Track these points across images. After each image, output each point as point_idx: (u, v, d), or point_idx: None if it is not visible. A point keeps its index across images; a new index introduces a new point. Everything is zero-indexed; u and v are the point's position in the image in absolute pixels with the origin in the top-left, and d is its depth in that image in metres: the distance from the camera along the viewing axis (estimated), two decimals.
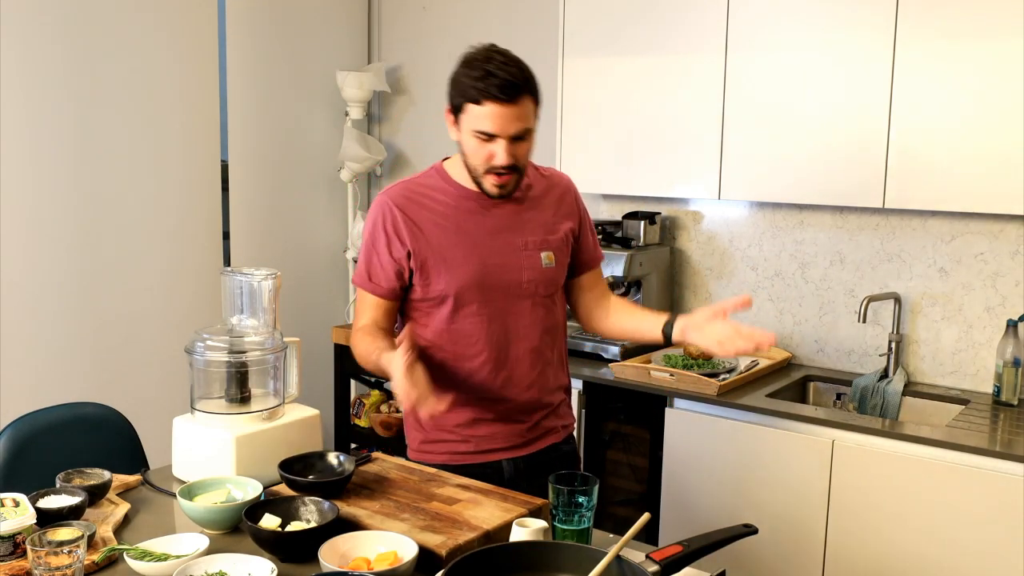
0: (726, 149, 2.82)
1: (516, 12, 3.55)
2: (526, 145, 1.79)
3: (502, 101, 1.70)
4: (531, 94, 1.75)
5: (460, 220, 1.86)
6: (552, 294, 1.94)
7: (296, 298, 3.64)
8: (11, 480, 1.91)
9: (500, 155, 1.75)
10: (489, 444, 1.93)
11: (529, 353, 1.91)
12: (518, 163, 1.78)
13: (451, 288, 1.85)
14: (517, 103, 1.72)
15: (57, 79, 2.87)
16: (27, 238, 2.85)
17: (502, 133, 1.73)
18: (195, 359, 1.85)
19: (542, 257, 1.89)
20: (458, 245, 1.85)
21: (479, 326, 1.87)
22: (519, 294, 1.88)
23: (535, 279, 1.89)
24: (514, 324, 1.89)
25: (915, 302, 2.84)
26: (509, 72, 1.71)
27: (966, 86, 2.42)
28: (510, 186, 1.82)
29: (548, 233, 1.91)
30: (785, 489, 2.54)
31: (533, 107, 1.77)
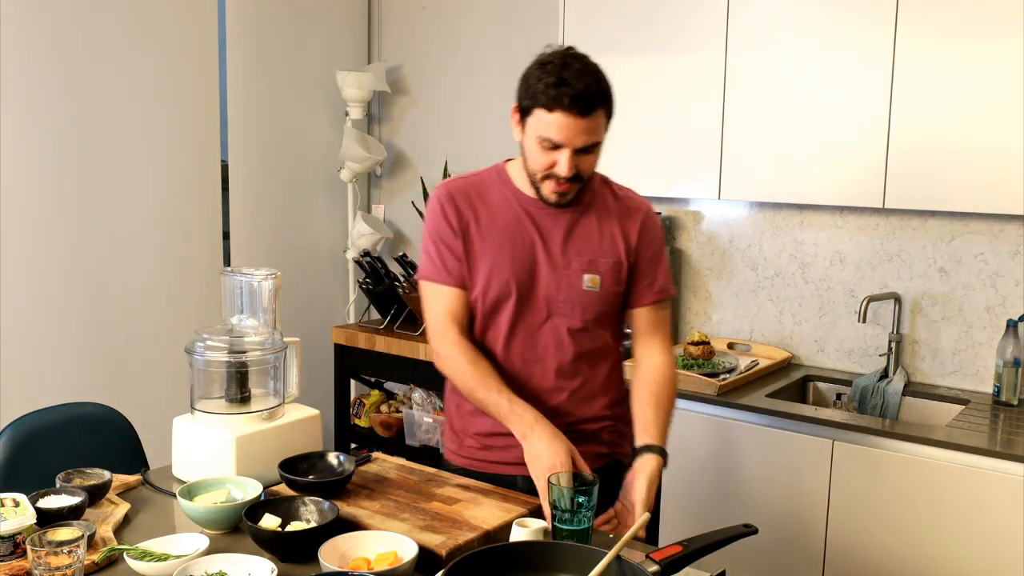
0: (726, 149, 2.82)
1: (516, 12, 3.55)
2: (592, 158, 1.72)
3: (574, 114, 1.63)
4: (605, 107, 1.69)
5: (510, 225, 1.80)
6: (596, 319, 1.82)
7: (296, 298, 3.63)
8: (11, 480, 1.91)
9: (563, 165, 1.68)
10: (507, 457, 1.84)
11: (554, 375, 1.82)
12: (581, 175, 1.71)
13: (485, 293, 1.81)
14: (589, 117, 1.65)
15: (57, 79, 2.87)
16: (27, 238, 2.85)
17: (568, 144, 1.66)
18: (195, 359, 1.85)
19: (584, 279, 1.79)
20: (501, 250, 1.79)
21: (505, 338, 1.82)
22: (553, 312, 1.80)
23: (572, 300, 1.79)
24: (543, 342, 1.81)
25: (915, 302, 2.84)
26: (585, 83, 1.64)
27: (966, 86, 2.42)
28: (571, 195, 1.75)
29: (598, 254, 1.80)
30: (785, 489, 2.54)
31: (605, 120, 1.70)
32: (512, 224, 1.80)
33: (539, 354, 1.82)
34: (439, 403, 3.45)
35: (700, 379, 2.68)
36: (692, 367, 2.82)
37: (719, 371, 2.81)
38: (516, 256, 1.79)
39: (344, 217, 3.97)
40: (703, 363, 2.87)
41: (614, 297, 1.84)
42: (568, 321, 1.81)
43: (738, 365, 2.88)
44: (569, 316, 1.81)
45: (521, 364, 1.83)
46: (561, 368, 1.83)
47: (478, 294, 1.81)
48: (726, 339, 3.14)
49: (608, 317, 1.86)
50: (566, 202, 1.76)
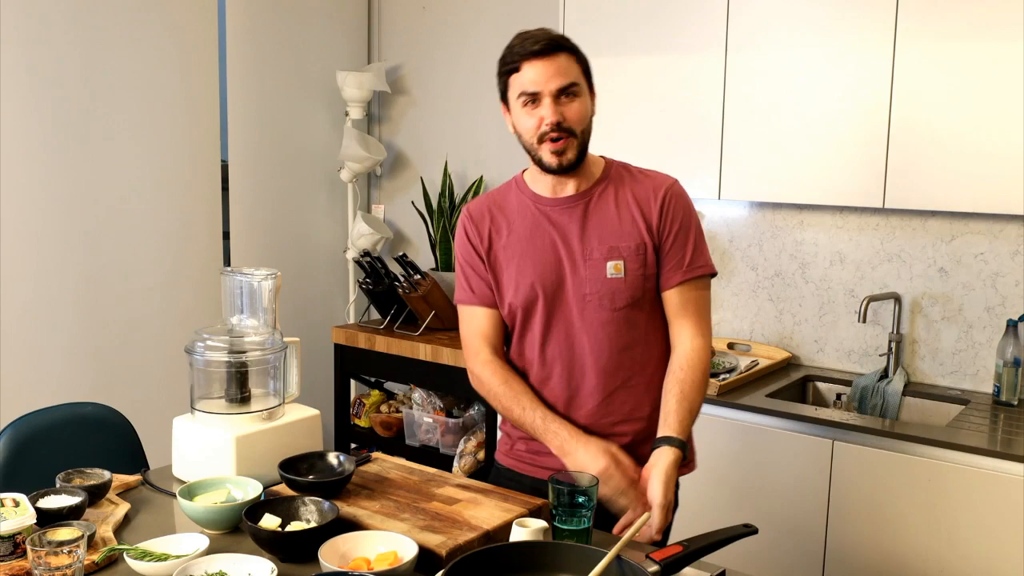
0: (726, 149, 2.82)
1: (516, 12, 3.55)
2: (575, 105, 1.70)
3: (538, 55, 1.67)
4: (569, 51, 1.70)
5: (529, 229, 1.80)
6: (629, 306, 1.76)
7: (296, 298, 3.64)
8: (11, 480, 1.91)
9: (547, 115, 1.68)
10: (552, 463, 1.79)
11: (596, 373, 1.78)
12: (569, 124, 1.69)
13: (516, 300, 1.80)
14: (553, 56, 1.67)
15: (57, 79, 2.87)
16: (27, 238, 2.85)
17: (544, 89, 1.67)
18: (195, 359, 1.85)
19: (608, 267, 1.75)
20: (524, 256, 1.79)
21: (541, 341, 1.80)
22: (585, 307, 1.76)
23: (599, 291, 1.75)
24: (579, 339, 1.78)
25: (915, 302, 2.84)
26: (543, 32, 1.70)
27: (966, 86, 2.42)
28: (569, 153, 1.71)
29: (618, 239, 1.76)
30: (785, 489, 2.54)
31: (576, 65, 1.71)
32: (531, 227, 1.81)
33: (577, 352, 1.79)
34: (439, 403, 3.45)
35: None
36: None
37: (719, 371, 2.81)
38: (538, 258, 1.79)
39: (344, 217, 3.97)
40: None
41: (643, 281, 1.77)
42: (599, 313, 1.76)
43: (738, 365, 2.88)
44: (599, 307, 1.76)
45: (561, 365, 1.80)
46: (601, 363, 1.78)
47: (509, 302, 1.82)
48: (726, 339, 3.14)
49: (643, 304, 1.78)
50: (567, 163, 1.73)
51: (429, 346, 3.19)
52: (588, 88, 1.75)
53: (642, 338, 1.80)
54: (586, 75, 1.74)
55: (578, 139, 1.72)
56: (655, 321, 1.82)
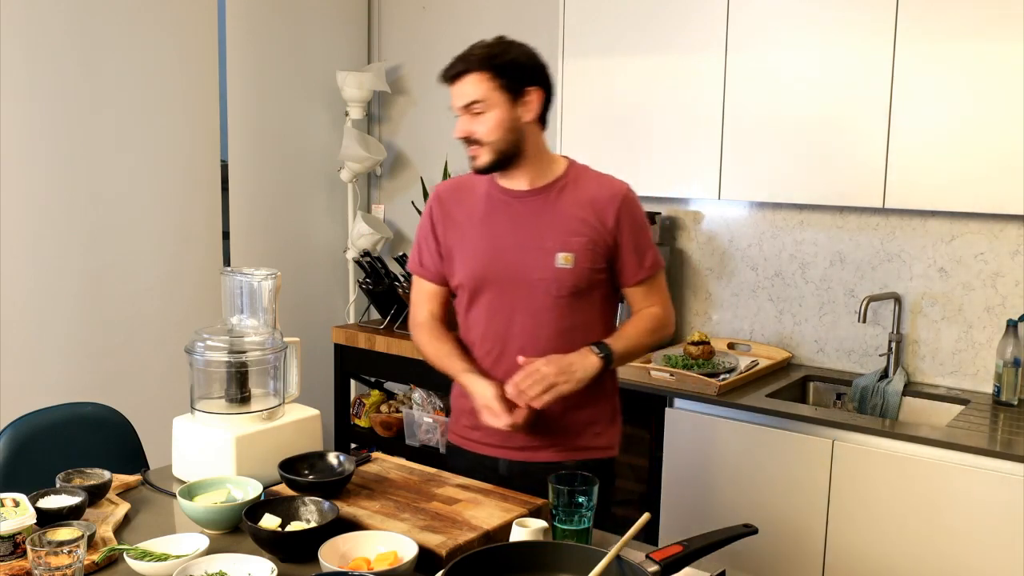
0: (726, 149, 2.82)
1: (516, 12, 3.55)
2: (481, 119, 1.85)
3: (448, 81, 1.87)
4: (480, 70, 1.83)
5: (488, 213, 1.94)
6: (572, 295, 1.89)
7: (296, 298, 3.64)
8: (11, 480, 1.91)
9: (456, 128, 1.88)
10: (489, 439, 1.95)
11: (534, 352, 1.87)
12: (475, 137, 1.86)
13: (465, 278, 1.94)
14: (459, 80, 1.85)
15: (56, 79, 2.87)
16: (27, 238, 2.85)
17: (455, 108, 1.87)
18: (195, 359, 1.85)
19: (558, 257, 1.87)
20: (479, 237, 1.93)
21: (484, 319, 1.94)
22: (533, 291, 1.89)
23: (546, 278, 1.88)
24: (522, 321, 1.91)
25: (915, 302, 2.84)
26: (459, 56, 1.86)
27: (966, 86, 2.42)
28: (480, 160, 1.89)
29: (571, 235, 1.88)
30: (785, 489, 2.54)
31: (486, 82, 1.83)
32: (490, 214, 1.94)
33: (518, 332, 1.91)
34: (439, 403, 3.45)
35: (700, 379, 2.68)
36: (692, 367, 2.82)
37: (719, 371, 2.81)
38: (493, 242, 1.92)
39: (344, 217, 3.97)
40: (703, 363, 2.87)
41: (589, 274, 1.89)
42: (544, 299, 1.89)
43: (738, 365, 2.88)
44: (544, 293, 1.89)
45: (504, 344, 1.92)
46: (540, 344, 1.89)
47: (459, 280, 1.96)
48: (726, 339, 3.14)
49: (586, 295, 1.91)
50: (481, 168, 1.89)
51: None
52: (509, 96, 1.85)
53: (582, 325, 1.92)
54: (508, 85, 1.84)
55: (488, 147, 1.87)
56: (596, 311, 1.95)
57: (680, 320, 3.29)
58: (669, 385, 2.72)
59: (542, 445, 1.93)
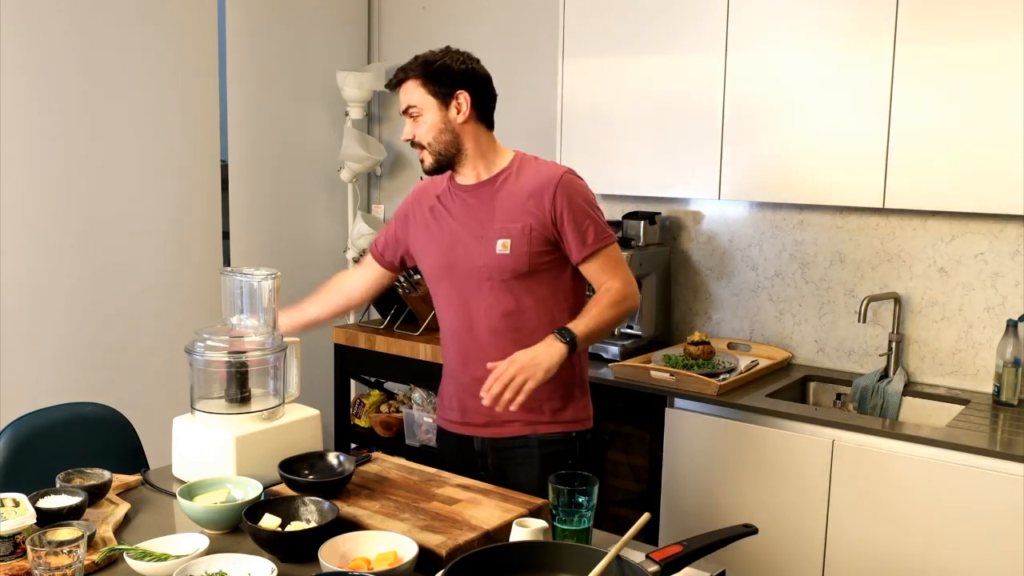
0: (726, 149, 2.82)
1: (516, 12, 3.55)
2: (418, 124, 2.00)
3: (390, 89, 2.04)
4: (413, 77, 1.97)
5: (446, 207, 2.09)
6: (513, 278, 2.00)
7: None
8: (11, 480, 1.91)
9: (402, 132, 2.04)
10: (466, 418, 2.09)
11: (488, 334, 2.03)
12: (416, 139, 2.01)
13: (427, 269, 2.13)
14: (399, 88, 2.01)
15: (56, 79, 2.87)
16: (27, 238, 2.85)
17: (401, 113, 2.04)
18: (195, 359, 1.85)
19: (498, 244, 1.99)
20: (438, 229, 2.09)
21: (446, 306, 2.09)
22: (479, 277, 2.01)
23: (488, 264, 2.00)
24: (475, 306, 2.04)
25: (915, 302, 2.84)
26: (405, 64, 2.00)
27: (966, 86, 2.42)
28: (425, 163, 2.04)
29: (509, 221, 2.00)
30: (785, 489, 2.54)
31: (419, 88, 1.97)
32: (446, 208, 2.09)
33: (473, 315, 2.04)
34: None
35: (700, 379, 2.68)
36: (692, 367, 2.82)
37: (719, 371, 2.81)
38: (446, 235, 2.06)
39: (344, 217, 3.97)
40: (703, 363, 2.87)
41: (528, 258, 1.98)
42: (489, 283, 2.01)
43: (738, 365, 2.88)
44: (488, 278, 2.01)
45: (464, 328, 2.06)
46: (491, 324, 2.02)
47: (425, 272, 2.15)
48: (726, 339, 3.14)
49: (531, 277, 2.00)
50: (428, 168, 2.04)
51: (429, 346, 3.19)
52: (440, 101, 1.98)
53: (531, 305, 2.02)
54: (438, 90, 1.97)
55: (428, 149, 2.02)
56: (544, 290, 2.03)
57: (680, 320, 3.29)
58: (669, 385, 2.72)
59: (507, 421, 2.03)
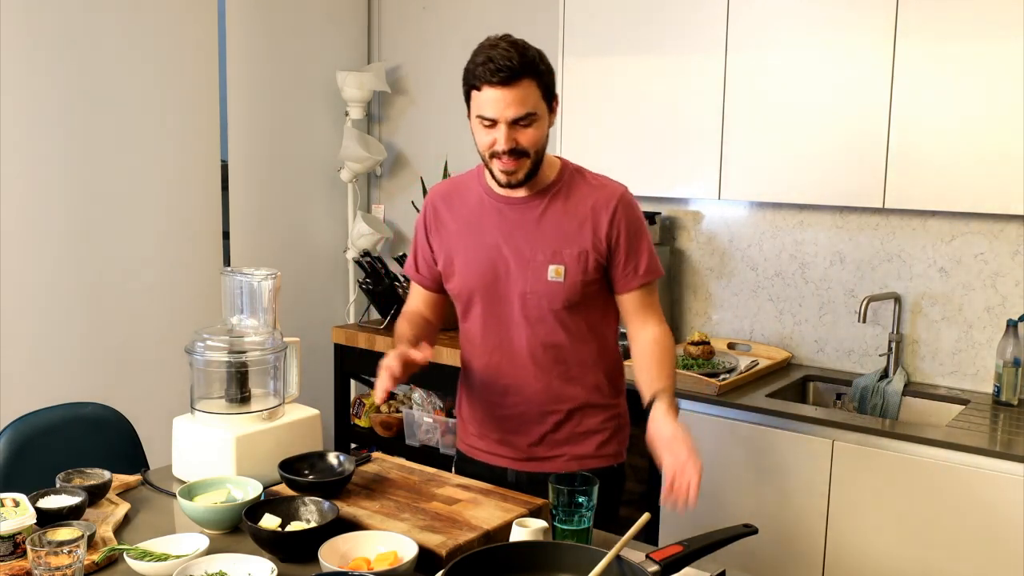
0: (726, 149, 2.82)
1: (516, 12, 3.55)
2: (531, 131, 1.73)
3: (496, 84, 1.69)
4: (533, 77, 1.71)
5: (482, 220, 1.86)
6: (565, 308, 1.82)
7: (296, 298, 3.64)
8: (11, 480, 1.91)
9: (499, 140, 1.72)
10: (497, 448, 1.94)
11: (532, 365, 1.85)
12: (522, 147, 1.73)
13: (459, 288, 1.89)
14: (513, 86, 1.69)
15: (57, 79, 2.87)
16: (27, 238, 2.85)
17: (500, 117, 1.71)
18: (195, 359, 1.85)
19: (550, 270, 1.80)
20: (473, 246, 1.86)
21: (481, 330, 1.89)
22: (523, 304, 1.83)
23: (538, 291, 1.81)
24: (516, 334, 1.85)
25: (915, 302, 2.84)
26: (508, 56, 1.69)
27: (966, 86, 2.42)
28: (520, 173, 1.76)
29: (564, 245, 1.81)
30: (785, 489, 2.54)
31: (537, 91, 1.72)
32: (482, 222, 1.86)
33: (516, 345, 1.86)
34: (439, 403, 3.45)
35: (700, 379, 2.68)
36: (692, 367, 2.82)
37: (719, 371, 2.81)
38: (484, 253, 1.85)
39: (344, 217, 3.97)
40: (703, 363, 2.87)
41: (581, 287, 1.82)
42: (537, 311, 1.83)
43: (738, 365, 2.88)
44: (537, 306, 1.83)
45: (500, 355, 1.88)
46: (536, 357, 1.85)
47: (453, 290, 1.92)
48: (726, 339, 3.14)
49: (580, 307, 1.84)
50: (516, 181, 1.78)
51: None
52: (548, 107, 1.77)
53: (577, 335, 1.86)
54: (547, 94, 1.76)
55: (531, 159, 1.77)
56: (591, 320, 1.88)
57: (680, 320, 3.29)
58: None
59: (550, 456, 1.90)
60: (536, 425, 1.89)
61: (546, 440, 1.89)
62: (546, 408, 1.88)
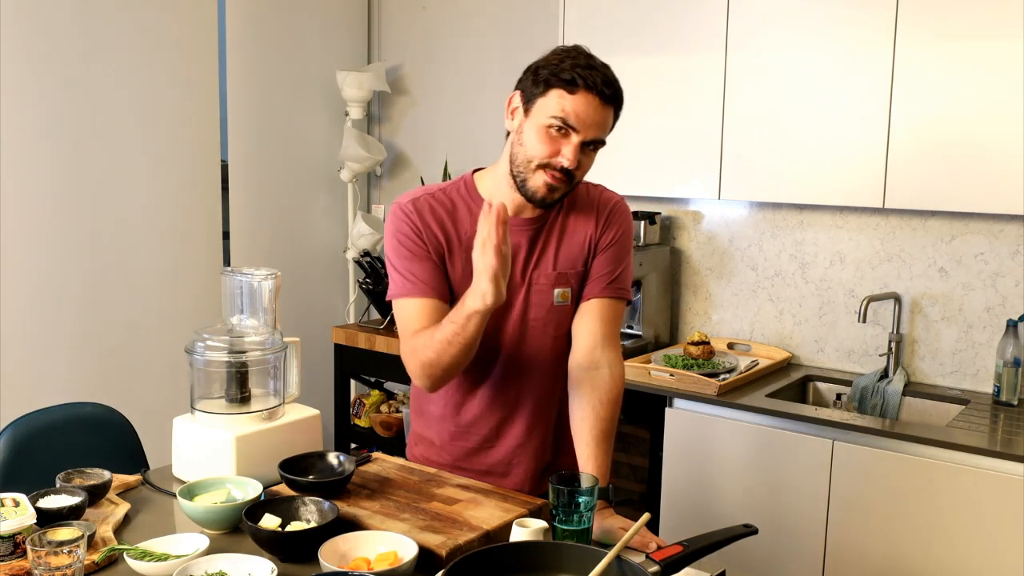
0: (726, 149, 2.82)
1: (516, 12, 3.55)
2: (591, 159, 1.64)
3: (600, 96, 1.57)
4: (618, 107, 1.63)
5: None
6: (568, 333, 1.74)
7: (296, 298, 3.64)
8: (11, 480, 1.91)
9: (568, 153, 1.58)
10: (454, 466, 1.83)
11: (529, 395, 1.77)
12: (577, 173, 1.62)
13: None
14: (609, 106, 1.60)
15: (57, 79, 2.87)
16: (27, 238, 2.85)
17: (582, 129, 1.57)
18: (195, 359, 1.85)
19: (555, 294, 1.72)
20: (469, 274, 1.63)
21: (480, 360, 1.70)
22: (526, 331, 1.73)
23: (543, 317, 1.72)
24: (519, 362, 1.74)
25: (915, 302, 2.84)
26: (611, 73, 1.61)
27: (966, 86, 2.42)
28: (559, 192, 1.64)
29: (568, 266, 1.73)
30: (785, 489, 2.54)
31: (612, 122, 1.64)
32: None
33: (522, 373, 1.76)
34: None
35: (700, 379, 2.68)
36: (692, 367, 2.82)
37: (719, 371, 2.81)
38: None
39: (344, 217, 3.97)
40: (703, 363, 2.87)
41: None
42: (542, 339, 1.74)
43: (738, 365, 2.88)
44: (542, 334, 1.74)
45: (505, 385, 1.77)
46: (544, 382, 1.78)
47: None
48: (726, 339, 3.14)
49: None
50: (552, 201, 1.65)
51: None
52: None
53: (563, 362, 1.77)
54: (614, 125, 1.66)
55: (573, 186, 1.66)
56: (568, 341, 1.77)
57: (680, 320, 3.29)
58: (669, 385, 2.72)
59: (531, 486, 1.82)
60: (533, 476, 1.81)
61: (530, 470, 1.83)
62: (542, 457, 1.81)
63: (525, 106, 1.63)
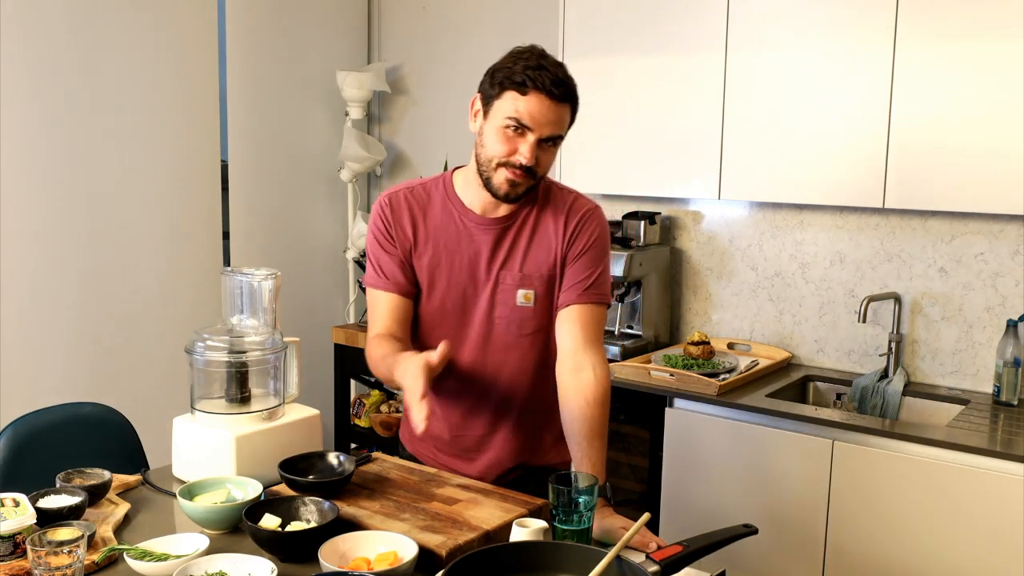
0: (726, 149, 2.82)
1: (516, 12, 3.55)
2: (550, 155, 1.70)
3: (549, 96, 1.62)
4: (573, 103, 1.68)
5: (450, 242, 1.78)
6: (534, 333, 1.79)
7: (296, 298, 3.64)
8: (11, 480, 1.91)
9: (524, 152, 1.65)
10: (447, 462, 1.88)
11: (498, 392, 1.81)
12: (538, 169, 1.68)
13: (425, 308, 1.82)
14: (562, 105, 1.65)
15: (57, 79, 2.87)
16: (27, 238, 2.85)
17: (536, 128, 1.64)
18: (195, 359, 1.85)
19: (518, 295, 1.76)
20: (439, 267, 1.79)
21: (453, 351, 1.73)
22: (491, 329, 1.78)
23: (507, 317, 1.77)
24: (484, 360, 1.80)
25: (915, 302, 2.84)
26: (563, 74, 1.66)
27: (966, 86, 2.42)
28: (521, 188, 1.70)
29: (533, 268, 1.76)
30: (785, 489, 2.54)
31: (570, 118, 1.69)
32: (451, 241, 1.78)
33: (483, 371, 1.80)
34: None
35: (700, 379, 2.68)
36: (692, 367, 2.82)
37: (719, 371, 2.81)
38: (453, 274, 1.78)
39: (344, 217, 3.97)
40: (703, 363, 2.87)
41: (550, 309, 1.79)
42: (505, 337, 1.79)
43: (738, 365, 2.88)
44: (505, 332, 1.78)
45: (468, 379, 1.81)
46: (503, 383, 1.81)
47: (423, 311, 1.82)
48: (726, 339, 3.14)
49: (549, 329, 1.80)
50: (515, 196, 1.71)
51: None
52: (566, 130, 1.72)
53: (543, 361, 1.82)
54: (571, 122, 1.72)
55: (535, 180, 1.71)
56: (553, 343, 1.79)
57: (680, 320, 3.29)
58: (669, 385, 2.72)
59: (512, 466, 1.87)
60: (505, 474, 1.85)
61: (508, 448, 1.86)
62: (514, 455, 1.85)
63: (484, 108, 1.72)
